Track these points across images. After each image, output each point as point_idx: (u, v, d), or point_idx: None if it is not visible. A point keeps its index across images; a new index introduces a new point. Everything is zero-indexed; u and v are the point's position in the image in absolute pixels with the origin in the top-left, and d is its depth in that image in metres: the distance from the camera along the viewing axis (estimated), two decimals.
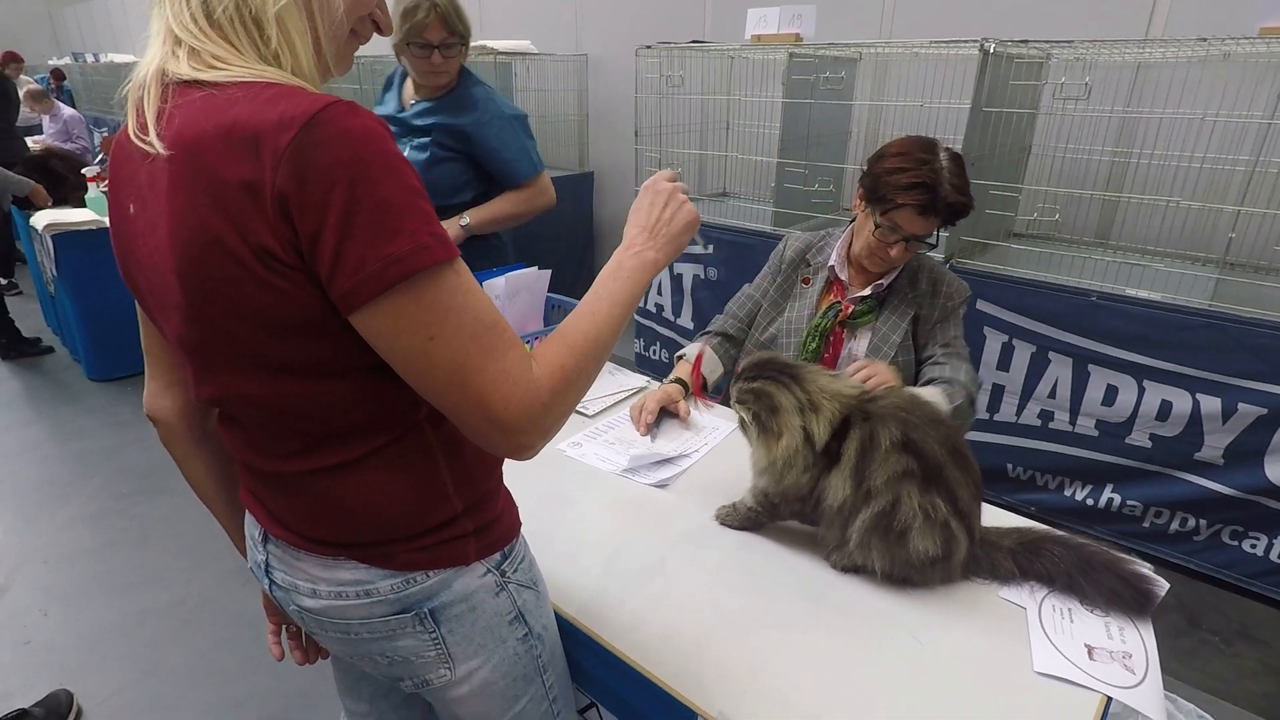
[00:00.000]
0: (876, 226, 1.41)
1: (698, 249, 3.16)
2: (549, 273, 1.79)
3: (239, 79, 0.58)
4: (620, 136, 4.23)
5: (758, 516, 1.16)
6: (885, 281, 1.50)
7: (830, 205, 3.10)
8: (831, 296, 1.57)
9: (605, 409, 1.56)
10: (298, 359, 0.62)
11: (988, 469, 2.56)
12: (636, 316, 3.55)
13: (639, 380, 1.69)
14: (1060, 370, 2.33)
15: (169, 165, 0.58)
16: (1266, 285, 2.10)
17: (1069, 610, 1.00)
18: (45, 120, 6.32)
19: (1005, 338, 2.41)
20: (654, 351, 3.57)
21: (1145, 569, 1.02)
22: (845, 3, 3.21)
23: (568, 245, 4.56)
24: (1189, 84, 2.27)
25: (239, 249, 0.56)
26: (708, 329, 1.69)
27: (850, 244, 1.54)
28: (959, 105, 2.38)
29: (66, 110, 6.36)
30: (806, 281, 1.59)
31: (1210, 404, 2.07)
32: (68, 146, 6.14)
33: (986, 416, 2.51)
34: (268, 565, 0.78)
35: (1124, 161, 2.55)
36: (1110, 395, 2.25)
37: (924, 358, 1.52)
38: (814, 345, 1.51)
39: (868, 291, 1.51)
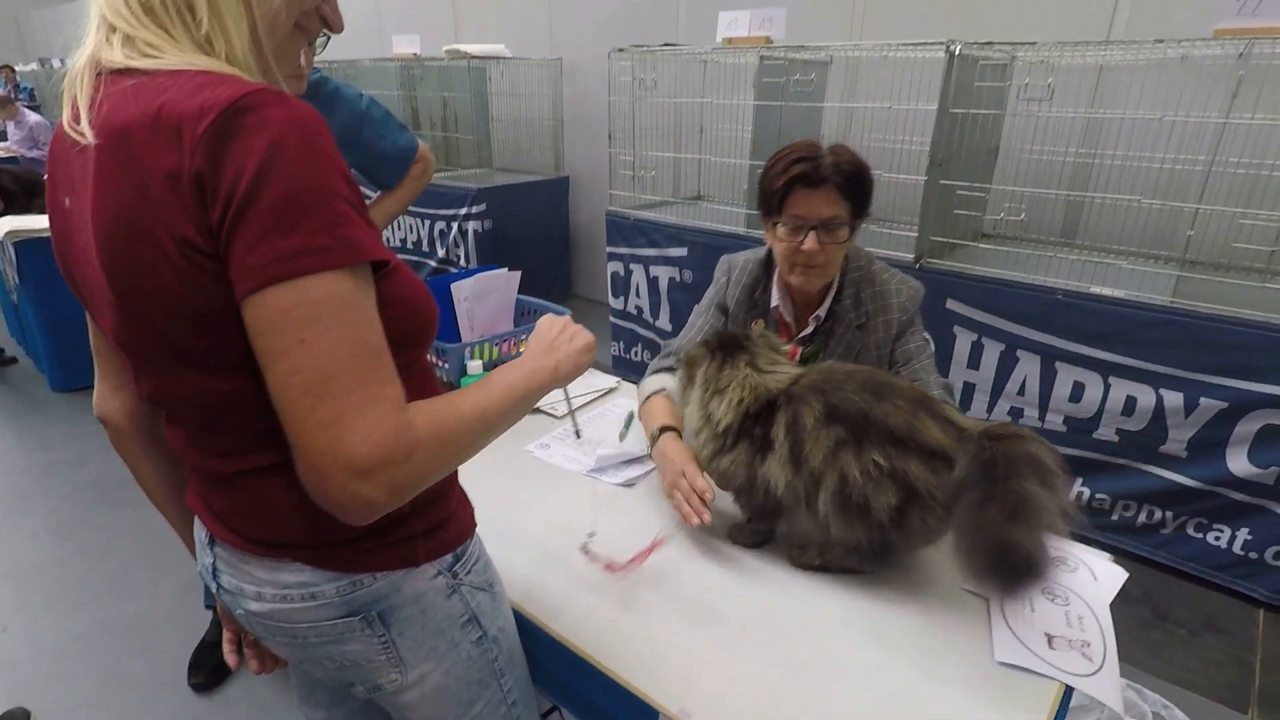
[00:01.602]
0: (776, 225, 1.29)
1: (674, 251, 3.17)
2: (519, 274, 1.78)
3: (171, 67, 0.57)
4: (595, 140, 4.23)
5: (754, 520, 1.13)
6: (822, 311, 1.38)
7: None
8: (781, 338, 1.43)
9: (574, 410, 1.55)
10: (227, 354, 0.59)
11: None
12: (613, 319, 3.54)
13: (609, 381, 1.68)
14: (1029, 367, 2.36)
15: (97, 154, 0.57)
16: (1224, 282, 2.14)
17: (1030, 599, 1.01)
18: (10, 127, 6.19)
19: (975, 336, 2.44)
20: (634, 353, 3.57)
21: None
22: (815, 6, 3.24)
23: (544, 249, 4.56)
24: (1148, 86, 2.32)
25: (163, 240, 0.55)
26: (670, 354, 1.49)
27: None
28: (926, 108, 2.41)
29: (32, 116, 6.23)
30: (759, 324, 1.45)
31: (1173, 399, 2.11)
32: (34, 154, 6.02)
33: None
34: (215, 568, 0.76)
35: (1088, 162, 2.59)
36: (1077, 391, 2.28)
37: None
38: None
39: (810, 329, 1.39)
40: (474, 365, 1.56)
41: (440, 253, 4.39)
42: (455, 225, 4.20)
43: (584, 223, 4.66)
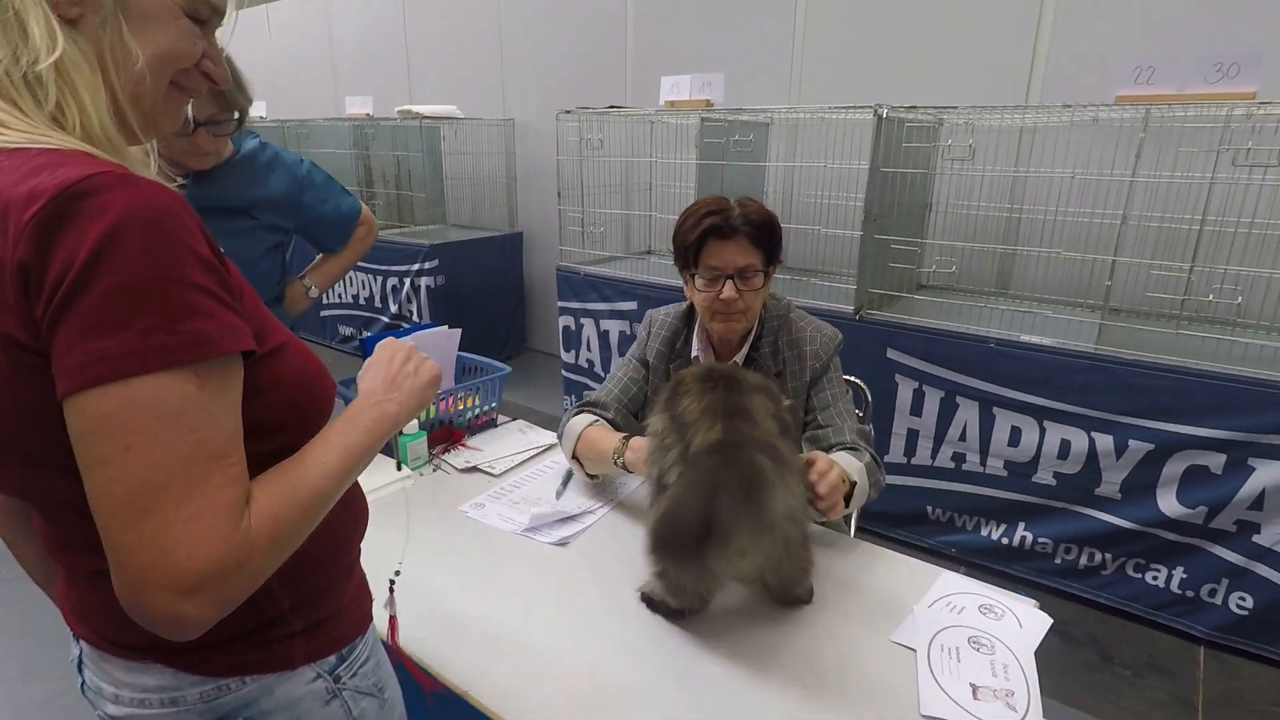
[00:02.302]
0: (694, 277, 1.34)
1: (624, 305, 3.21)
2: (459, 331, 1.77)
3: (13, 144, 0.52)
4: (549, 197, 4.29)
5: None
6: (740, 358, 1.41)
7: None
8: None
9: (512, 468, 1.54)
10: (62, 453, 0.53)
11: (909, 512, 2.61)
12: (565, 372, 3.54)
13: (548, 437, 1.67)
14: (968, 414, 2.42)
15: None
16: (1143, 329, 2.25)
17: (956, 649, 1.02)
18: None
19: (916, 384, 2.50)
20: None
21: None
22: (753, 71, 3.39)
23: (499, 303, 4.57)
24: (1061, 146, 2.46)
25: None
26: (591, 403, 1.50)
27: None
28: (860, 166, 2.52)
29: None
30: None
31: (1104, 441, 2.18)
32: None
33: (904, 460, 2.58)
34: (80, 662, 0.72)
35: (1016, 217, 2.73)
36: (1015, 436, 2.34)
37: (806, 422, 1.39)
38: None
39: None
40: (410, 424, 1.54)
41: (393, 309, 4.37)
42: (408, 281, 4.19)
43: (538, 277, 4.70)
